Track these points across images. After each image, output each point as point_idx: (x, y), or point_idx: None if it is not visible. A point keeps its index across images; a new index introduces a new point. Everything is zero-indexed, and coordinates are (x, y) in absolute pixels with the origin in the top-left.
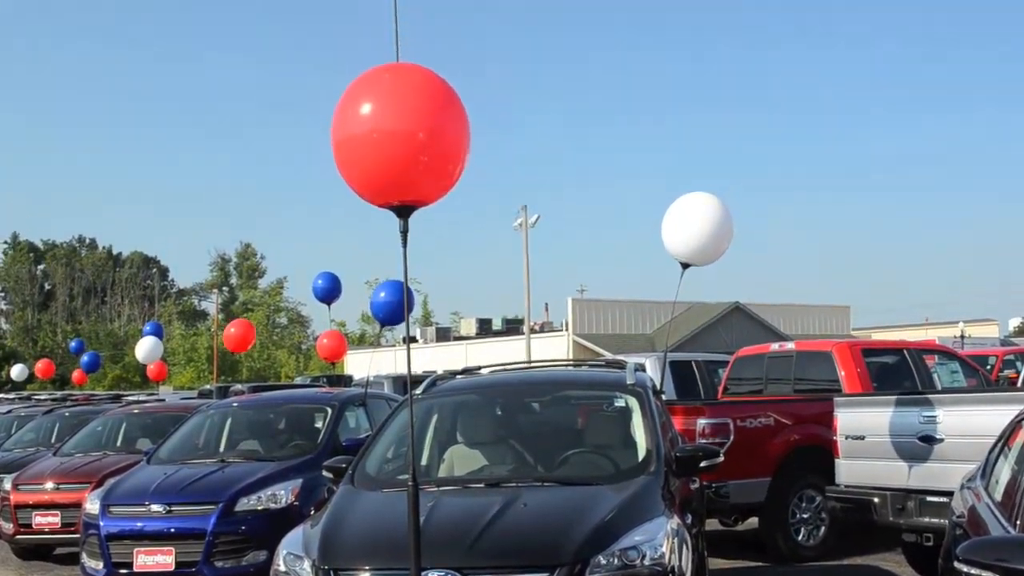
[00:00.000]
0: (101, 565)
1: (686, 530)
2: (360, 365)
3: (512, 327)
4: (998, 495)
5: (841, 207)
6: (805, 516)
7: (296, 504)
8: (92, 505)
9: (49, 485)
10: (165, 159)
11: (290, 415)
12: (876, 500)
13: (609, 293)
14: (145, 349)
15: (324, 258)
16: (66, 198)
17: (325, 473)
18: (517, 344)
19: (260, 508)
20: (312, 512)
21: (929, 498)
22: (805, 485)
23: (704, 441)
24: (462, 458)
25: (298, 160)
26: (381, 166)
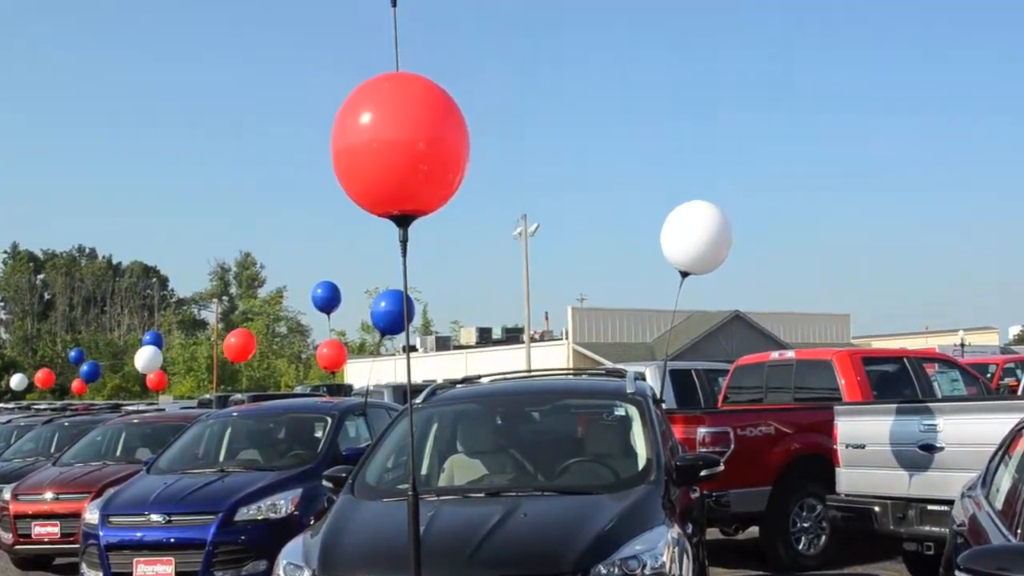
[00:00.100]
0: (101, 575)
1: (687, 539)
2: (360, 374)
3: (512, 336)
4: (999, 504)
5: (841, 206)
6: (806, 525)
7: (296, 514)
8: (92, 515)
9: (48, 495)
10: (164, 163)
11: (290, 424)
12: (877, 509)
13: (609, 302)
14: (145, 359)
15: (324, 267)
16: (66, 206)
17: (325, 483)
18: (517, 353)
19: (260, 518)
20: (312, 522)
21: (930, 507)
22: (806, 494)
23: (704, 450)
24: (462, 467)
25: (298, 169)
26: (381, 176)
